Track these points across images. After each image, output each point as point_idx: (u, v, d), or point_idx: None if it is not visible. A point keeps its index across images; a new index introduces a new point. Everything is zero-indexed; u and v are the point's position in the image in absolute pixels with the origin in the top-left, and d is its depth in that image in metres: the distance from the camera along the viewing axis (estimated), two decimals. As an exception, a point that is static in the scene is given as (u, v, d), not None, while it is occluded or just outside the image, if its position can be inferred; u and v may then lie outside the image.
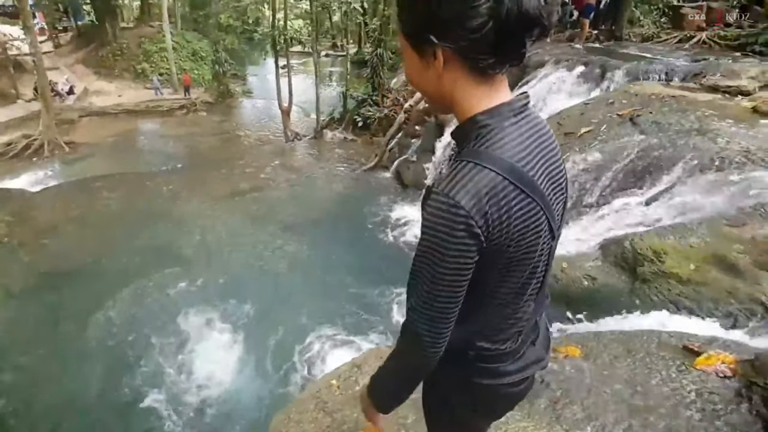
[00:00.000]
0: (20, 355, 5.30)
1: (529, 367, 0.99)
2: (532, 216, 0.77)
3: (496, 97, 0.79)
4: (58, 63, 21.36)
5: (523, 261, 0.81)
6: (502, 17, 0.67)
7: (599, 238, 3.94)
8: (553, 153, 0.86)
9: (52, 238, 7.62)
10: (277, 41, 15.34)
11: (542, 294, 0.99)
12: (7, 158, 12.58)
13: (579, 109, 6.27)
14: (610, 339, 2.74)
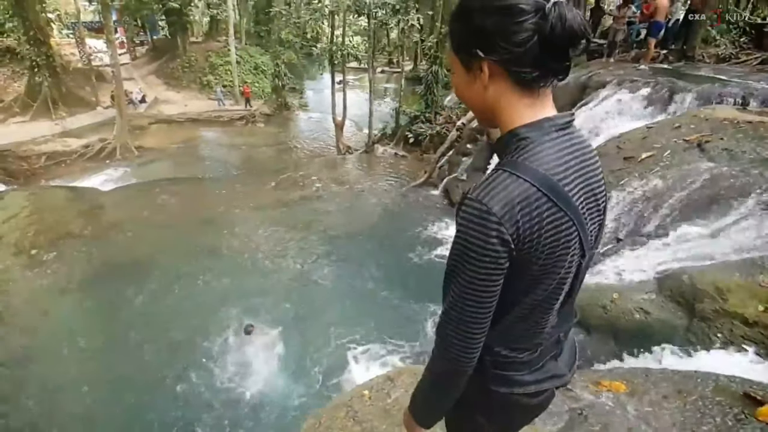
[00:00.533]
0: (82, 336, 5.93)
1: (547, 380, 1.00)
2: (564, 229, 0.79)
3: (539, 111, 0.83)
4: (133, 74, 23.75)
5: (550, 273, 0.83)
6: (546, 32, 0.73)
7: (655, 270, 3.77)
8: (594, 173, 0.88)
9: (117, 234, 8.44)
10: (335, 57, 16.08)
11: (568, 310, 1.01)
12: (84, 159, 14.10)
13: (641, 133, 6.06)
14: (659, 377, 2.63)
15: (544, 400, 1.04)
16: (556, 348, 1.02)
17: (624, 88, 7.45)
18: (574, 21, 0.73)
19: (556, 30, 0.73)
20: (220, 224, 9.13)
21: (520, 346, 0.95)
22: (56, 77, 17.29)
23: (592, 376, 2.95)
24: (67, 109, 16.99)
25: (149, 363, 5.49)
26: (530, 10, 0.73)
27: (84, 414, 4.82)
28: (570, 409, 2.28)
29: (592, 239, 0.91)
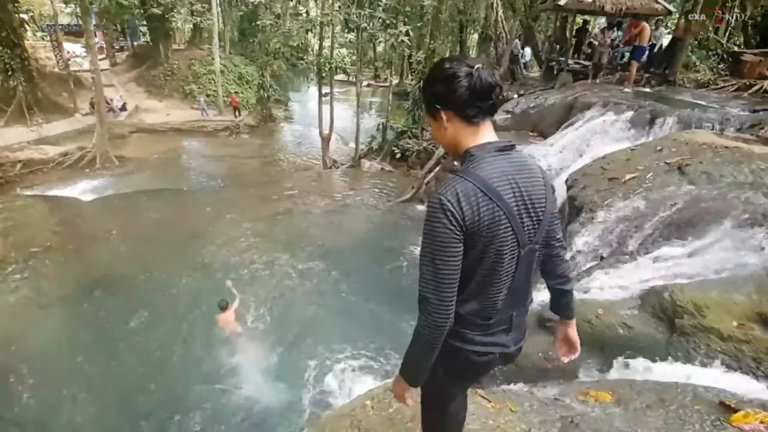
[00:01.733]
0: (61, 352, 5.90)
1: (493, 346, 1.36)
2: (496, 216, 1.18)
3: (482, 137, 1.25)
4: (113, 80, 23.63)
5: (492, 250, 1.20)
6: (473, 87, 1.17)
7: (638, 287, 4.04)
8: (531, 183, 1.25)
9: (98, 247, 8.40)
10: (323, 69, 16.41)
11: (520, 295, 1.37)
12: (62, 168, 13.94)
13: (625, 155, 6.44)
14: (643, 388, 2.86)
15: (488, 362, 1.39)
16: (508, 324, 1.37)
17: (609, 110, 7.90)
18: (489, 78, 1.19)
19: (477, 85, 1.18)
20: (204, 237, 9.15)
21: (476, 315, 1.30)
22: (31, 81, 17.10)
23: (580, 387, 3.18)
24: (43, 116, 16.77)
25: (130, 378, 5.53)
26: (462, 75, 1.18)
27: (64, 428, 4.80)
28: (561, 417, 2.48)
29: (530, 234, 1.27)
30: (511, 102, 11.14)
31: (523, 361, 4.10)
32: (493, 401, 2.61)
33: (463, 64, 1.20)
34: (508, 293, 1.31)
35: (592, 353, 3.78)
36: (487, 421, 2.34)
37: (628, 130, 7.45)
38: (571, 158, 7.71)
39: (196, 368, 5.76)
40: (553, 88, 11.62)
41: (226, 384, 5.53)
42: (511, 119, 10.53)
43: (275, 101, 24.28)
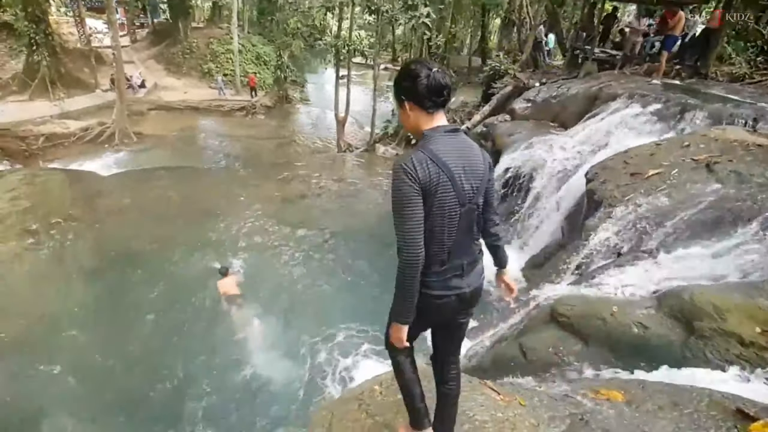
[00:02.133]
0: (79, 319, 6.13)
1: (449, 289, 1.68)
2: (442, 179, 1.51)
3: (435, 122, 1.59)
4: (133, 57, 23.75)
5: (438, 204, 1.53)
6: (430, 84, 1.51)
7: (655, 286, 3.96)
8: (471, 157, 1.61)
9: (116, 220, 8.58)
10: (341, 51, 16.21)
11: (467, 246, 1.69)
12: (83, 142, 14.17)
13: (649, 149, 6.26)
14: (655, 389, 2.81)
15: (445, 304, 1.70)
16: (460, 270, 1.68)
17: (635, 102, 7.65)
18: (442, 80, 1.53)
19: (433, 84, 1.52)
20: (216, 215, 9.28)
21: (432, 260, 1.60)
22: (55, 57, 17.29)
23: (590, 384, 3.14)
24: (65, 90, 17.00)
25: (142, 346, 5.73)
26: (423, 75, 1.52)
27: (78, 393, 4.99)
28: (571, 413, 2.46)
29: (469, 196, 1.60)
30: (533, 90, 10.88)
31: (533, 355, 4.08)
32: (502, 393, 2.59)
33: (424, 67, 1.55)
34: (455, 243, 1.63)
35: (603, 351, 3.73)
36: (496, 414, 2.32)
37: (654, 124, 7.21)
38: (592, 151, 7.52)
39: (203, 339, 5.93)
40: (577, 77, 11.29)
41: (232, 357, 5.68)
42: (531, 108, 10.29)
43: (292, 82, 24.16)
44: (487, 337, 5.47)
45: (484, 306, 6.84)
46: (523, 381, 3.45)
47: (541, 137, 8.57)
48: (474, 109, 15.02)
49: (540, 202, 7.74)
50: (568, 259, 5.57)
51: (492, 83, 13.92)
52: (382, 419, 2.26)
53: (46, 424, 4.61)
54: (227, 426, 4.75)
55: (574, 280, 5.13)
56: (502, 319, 5.75)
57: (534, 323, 4.39)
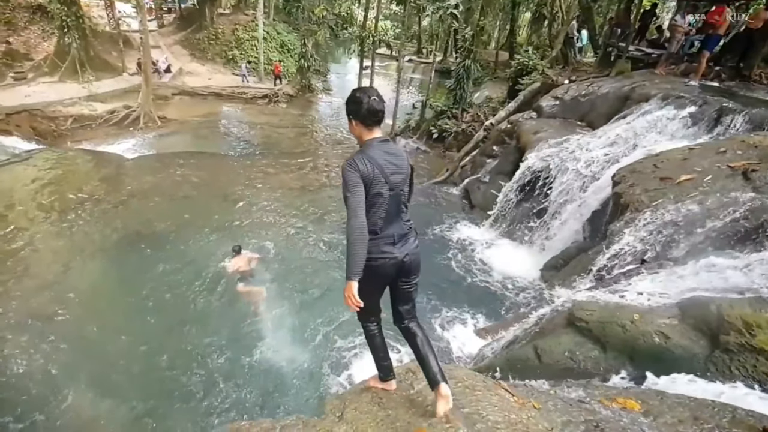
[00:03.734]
0: (101, 296, 6.37)
1: (384, 254, 2.15)
2: (376, 173, 2.04)
3: (372, 135, 2.13)
4: (160, 42, 24.17)
5: (374, 190, 2.06)
6: (368, 107, 2.06)
7: (679, 296, 3.86)
8: (396, 157, 2.15)
9: (139, 202, 8.82)
10: (365, 42, 16.19)
11: (394, 218, 2.19)
12: (109, 125, 14.57)
13: (681, 154, 6.08)
14: (675, 401, 2.76)
15: (382, 266, 2.16)
16: (392, 239, 2.18)
17: (669, 103, 7.42)
18: (377, 106, 2.07)
19: (371, 108, 2.06)
20: (238, 203, 9.44)
21: (370, 231, 2.05)
22: (85, 39, 17.74)
23: (606, 392, 3.10)
24: (93, 73, 17.45)
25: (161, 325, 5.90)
26: (365, 102, 2.05)
27: (94, 368, 5.18)
28: (586, 420, 2.43)
29: (396, 184, 2.14)
30: (561, 88, 10.66)
31: (547, 358, 4.05)
32: (516, 395, 2.59)
33: (366, 96, 2.09)
34: (386, 219, 2.16)
35: (621, 359, 3.68)
36: (509, 415, 2.32)
37: (688, 128, 6.99)
38: (621, 153, 7.34)
39: (217, 318, 6.09)
40: (609, 75, 11.00)
41: (245, 338, 5.80)
42: (558, 106, 10.09)
43: (315, 72, 24.24)
44: (500, 338, 5.44)
45: (498, 306, 6.81)
46: (537, 384, 3.42)
47: (568, 137, 8.40)
48: (499, 104, 14.83)
49: (562, 204, 7.61)
50: (589, 263, 5.48)
51: (519, 79, 13.69)
52: (395, 413, 2.28)
53: (62, 395, 4.77)
54: (239, 407, 4.86)
55: (594, 284, 5.05)
56: (516, 321, 5.71)
57: (551, 326, 4.35)
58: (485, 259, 8.05)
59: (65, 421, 4.50)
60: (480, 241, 8.69)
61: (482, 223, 9.40)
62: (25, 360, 5.09)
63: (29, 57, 18.17)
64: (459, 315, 6.49)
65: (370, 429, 2.19)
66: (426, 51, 37.04)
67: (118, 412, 4.72)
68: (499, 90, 17.47)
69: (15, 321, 5.59)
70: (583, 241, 6.77)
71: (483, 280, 7.46)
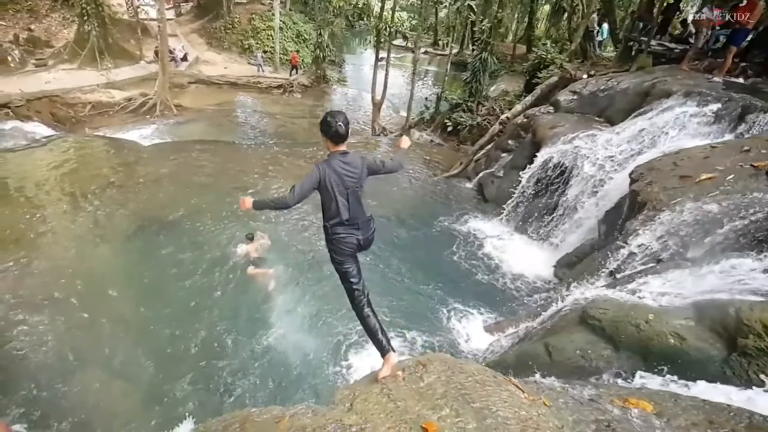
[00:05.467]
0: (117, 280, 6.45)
1: (351, 236, 2.85)
2: (334, 179, 2.69)
3: (338, 149, 2.74)
4: (177, 30, 24.30)
5: (336, 190, 2.71)
6: (335, 130, 2.65)
7: (696, 298, 3.78)
8: (352, 165, 2.75)
9: (154, 189, 8.93)
10: (382, 33, 16.03)
11: (356, 211, 2.83)
12: (126, 112, 14.75)
13: (702, 152, 5.93)
14: (689, 404, 2.71)
15: (350, 243, 2.86)
16: (357, 227, 2.85)
17: (691, 100, 7.21)
18: (342, 129, 2.66)
19: (337, 132, 2.65)
20: (249, 189, 9.48)
21: (341, 223, 2.81)
22: (104, 27, 17.92)
23: (618, 391, 3.06)
24: (112, 61, 17.65)
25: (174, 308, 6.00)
26: (333, 126, 2.63)
27: (111, 349, 5.28)
28: (597, 419, 2.40)
29: (353, 183, 2.76)
30: (580, 82, 10.45)
31: (559, 355, 4.01)
32: (526, 392, 2.57)
33: (335, 119, 2.64)
34: (350, 211, 2.81)
35: (635, 358, 3.62)
36: (519, 412, 2.30)
37: (710, 125, 6.79)
38: (639, 150, 7.19)
39: (229, 303, 6.18)
40: (629, 70, 10.74)
41: (256, 324, 5.86)
42: (576, 101, 9.90)
43: (330, 62, 24.15)
44: (511, 334, 5.41)
45: (509, 302, 6.77)
46: (547, 381, 3.39)
47: (585, 132, 8.24)
48: (515, 98, 14.61)
49: (578, 200, 7.50)
50: (603, 261, 5.39)
51: (536, 73, 13.45)
52: (404, 405, 2.28)
53: (72, 375, 4.87)
54: (248, 392, 4.92)
55: (609, 283, 4.98)
56: (527, 317, 5.66)
57: (563, 324, 4.30)
58: (497, 254, 7.99)
59: (74, 402, 4.59)
60: (492, 236, 8.62)
61: (495, 217, 9.32)
62: (38, 340, 5.19)
63: (50, 44, 18.45)
64: (469, 309, 6.47)
65: (379, 420, 2.19)
66: (442, 43, 36.63)
67: (128, 394, 4.82)
68: (516, 84, 17.21)
69: (30, 301, 5.71)
70: (597, 238, 6.66)
71: (494, 275, 7.41)
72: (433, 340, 5.82)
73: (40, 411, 4.40)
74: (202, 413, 4.56)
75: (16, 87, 13.74)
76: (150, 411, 4.62)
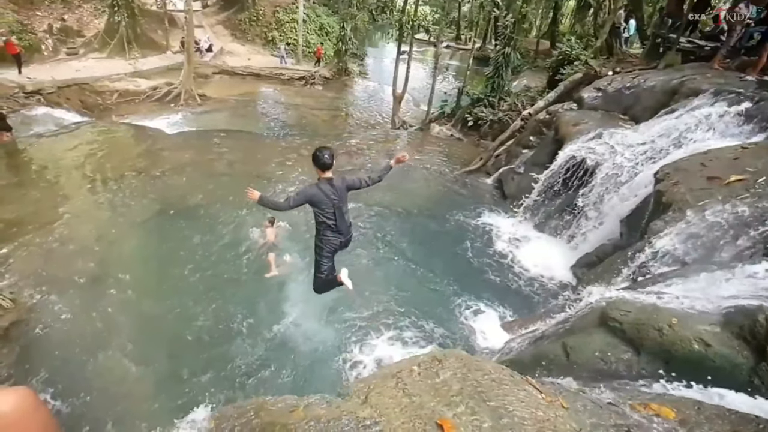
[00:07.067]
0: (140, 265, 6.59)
1: (336, 239, 4.07)
2: (323, 199, 3.84)
3: (324, 175, 3.85)
4: (203, 21, 24.53)
5: (323, 206, 3.88)
6: (323, 161, 3.78)
7: (723, 303, 3.62)
8: (334, 189, 3.85)
9: (177, 176, 9.06)
10: (404, 26, 15.85)
11: (342, 223, 3.99)
12: (152, 101, 14.99)
13: (732, 153, 5.68)
14: (714, 413, 2.59)
15: (334, 244, 4.11)
16: (339, 233, 4.04)
17: (721, 99, 6.91)
18: (329, 161, 3.80)
19: (324, 163, 3.79)
20: (267, 180, 9.57)
21: (329, 229, 4.00)
22: (133, 18, 18.24)
23: (638, 396, 2.96)
24: (139, 50, 17.96)
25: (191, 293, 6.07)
26: (321, 158, 3.77)
27: (131, 331, 5.40)
28: (616, 424, 2.32)
29: (335, 201, 3.87)
30: (605, 79, 10.14)
31: (577, 356, 3.90)
32: (544, 392, 2.49)
33: (323, 154, 3.73)
34: (336, 222, 3.91)
35: (655, 363, 3.49)
36: (536, 412, 2.23)
37: (741, 125, 6.49)
38: (665, 149, 6.94)
39: (245, 289, 6.24)
40: (656, 68, 10.37)
41: (273, 312, 5.88)
42: (601, 98, 9.61)
43: (352, 55, 24.06)
44: (527, 332, 5.31)
45: (526, 300, 6.65)
46: (565, 382, 3.30)
47: (609, 130, 7.99)
48: (537, 94, 14.29)
49: (600, 199, 7.29)
50: (625, 262, 5.23)
51: (560, 69, 13.10)
52: (419, 400, 2.23)
53: (93, 355, 4.96)
54: (264, 380, 4.95)
55: (630, 284, 4.82)
56: (545, 316, 5.55)
57: (581, 324, 4.18)
58: (515, 251, 7.85)
59: (93, 380, 4.68)
60: (511, 233, 8.47)
61: (514, 214, 9.16)
62: (63, 317, 5.32)
63: (81, 34, 18.84)
64: (485, 306, 6.37)
65: (393, 415, 2.15)
66: (465, 38, 36.13)
67: (145, 375, 4.89)
68: (538, 79, 16.85)
69: (56, 280, 5.86)
70: (619, 238, 6.47)
71: (511, 272, 7.29)
72: (450, 334, 5.76)
73: (62, 384, 4.51)
74: (213, 398, 4.62)
75: (48, 75, 14.11)
76: (163, 394, 4.69)
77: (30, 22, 17.23)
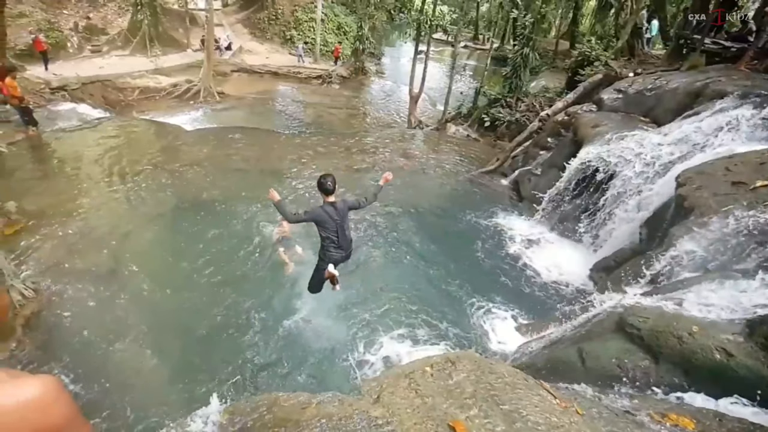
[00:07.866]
0: (157, 258, 6.69)
1: (338, 254, 4.60)
2: (325, 217, 4.34)
3: (328, 199, 4.31)
4: (222, 20, 24.84)
5: (327, 225, 4.38)
6: (326, 187, 4.24)
7: (746, 312, 3.50)
8: (336, 211, 4.35)
9: (195, 172, 9.18)
10: (422, 26, 15.78)
11: (343, 239, 4.51)
12: (171, 97, 15.23)
13: (758, 157, 5.50)
14: (736, 426, 2.51)
15: (336, 258, 4.61)
16: (344, 247, 4.60)
17: (748, 102, 6.70)
18: (330, 188, 4.23)
19: (327, 188, 4.24)
20: (285, 177, 9.62)
21: (332, 245, 4.52)
22: (155, 16, 18.57)
23: (655, 405, 2.88)
24: (161, 48, 18.27)
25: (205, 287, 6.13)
26: (325, 183, 4.23)
27: (146, 323, 5.46)
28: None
29: (337, 221, 4.38)
30: (625, 81, 9.92)
31: (593, 362, 3.82)
32: (558, 398, 2.44)
33: (327, 181, 4.18)
34: (338, 239, 4.45)
35: (675, 372, 3.39)
36: (550, 418, 2.18)
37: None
38: (687, 152, 6.75)
39: (257, 284, 6.26)
40: (679, 69, 10.12)
41: (285, 307, 5.89)
42: (621, 100, 9.41)
43: (369, 54, 24.07)
44: (542, 336, 5.22)
45: (541, 303, 6.55)
46: (580, 389, 3.23)
47: (629, 132, 7.81)
48: (556, 95, 14.08)
49: (619, 202, 7.14)
50: (644, 267, 5.10)
51: (579, 70, 12.89)
52: (431, 401, 2.21)
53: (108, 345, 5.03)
54: (276, 376, 4.97)
55: (649, 290, 4.70)
56: (560, 320, 5.46)
57: (598, 330, 4.10)
58: (531, 254, 7.75)
59: (109, 369, 4.74)
60: (527, 235, 8.36)
61: (531, 216, 9.04)
62: (80, 309, 5.41)
63: (105, 32, 19.25)
64: (499, 308, 6.30)
65: (405, 415, 2.13)
66: (483, 37, 35.84)
67: (159, 366, 4.93)
68: (557, 80, 16.62)
69: (75, 273, 5.95)
70: (639, 243, 6.32)
71: (526, 275, 7.19)
72: (465, 335, 5.71)
73: (81, 370, 4.60)
74: (225, 391, 4.65)
75: (72, 71, 14.46)
76: (178, 385, 4.74)
77: (57, 20, 17.68)
